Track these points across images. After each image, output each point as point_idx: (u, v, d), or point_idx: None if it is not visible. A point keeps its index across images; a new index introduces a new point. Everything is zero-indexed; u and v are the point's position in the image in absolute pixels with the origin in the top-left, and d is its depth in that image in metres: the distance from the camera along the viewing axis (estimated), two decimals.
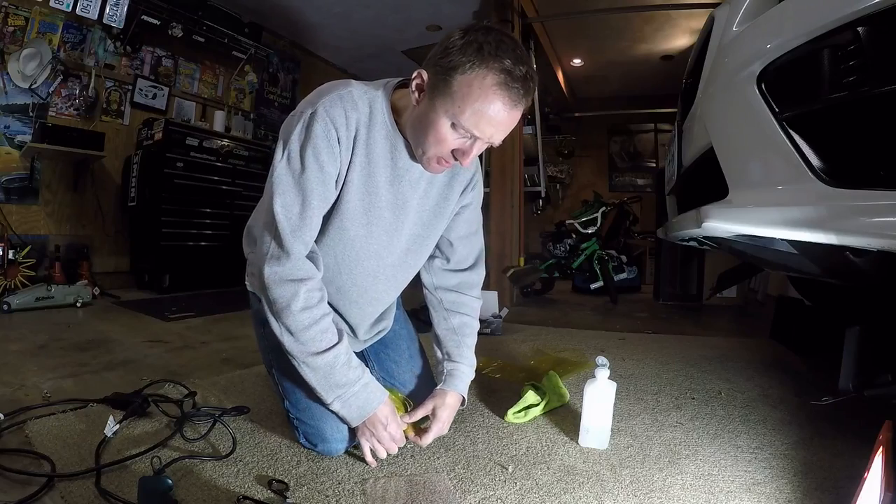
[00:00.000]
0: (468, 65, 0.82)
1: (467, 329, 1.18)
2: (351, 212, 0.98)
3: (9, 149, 3.16)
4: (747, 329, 2.79)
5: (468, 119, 0.84)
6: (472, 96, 0.83)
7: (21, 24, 3.16)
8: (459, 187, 1.11)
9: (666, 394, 1.50)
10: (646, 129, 6.35)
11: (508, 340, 2.28)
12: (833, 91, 0.81)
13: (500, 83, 0.82)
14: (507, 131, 0.89)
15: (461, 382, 1.11)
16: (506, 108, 0.84)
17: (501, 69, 0.82)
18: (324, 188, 0.92)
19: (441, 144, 0.89)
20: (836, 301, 1.60)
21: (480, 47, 0.82)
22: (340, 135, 0.91)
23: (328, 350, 0.92)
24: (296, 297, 0.90)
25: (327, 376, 0.93)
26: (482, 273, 1.23)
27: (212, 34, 4.04)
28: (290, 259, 0.91)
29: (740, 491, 0.91)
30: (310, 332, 0.91)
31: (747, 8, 1.10)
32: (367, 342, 1.23)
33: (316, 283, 0.94)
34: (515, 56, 0.83)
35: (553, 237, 4.42)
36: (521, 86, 0.83)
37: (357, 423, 0.97)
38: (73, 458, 0.97)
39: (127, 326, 2.39)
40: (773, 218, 0.91)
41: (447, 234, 1.16)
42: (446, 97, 0.85)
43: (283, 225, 0.90)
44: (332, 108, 0.91)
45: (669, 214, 1.65)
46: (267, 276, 0.91)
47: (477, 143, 0.89)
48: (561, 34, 4.64)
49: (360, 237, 1.01)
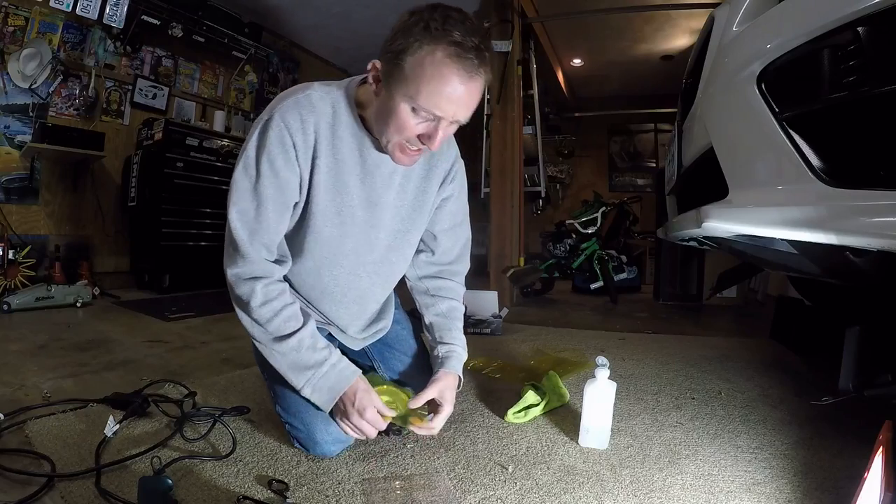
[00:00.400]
0: (416, 44, 0.81)
1: (456, 313, 1.20)
2: (322, 213, 0.98)
3: (9, 149, 3.16)
4: (747, 329, 2.79)
5: (426, 99, 0.83)
6: (426, 75, 0.81)
7: (21, 24, 3.16)
8: (437, 180, 1.10)
9: (666, 394, 1.49)
10: (646, 129, 6.35)
11: (508, 340, 2.28)
12: (833, 91, 0.81)
13: (452, 56, 0.80)
14: (471, 106, 0.87)
15: (458, 363, 1.13)
16: (462, 81, 0.82)
17: (450, 42, 0.80)
18: (280, 194, 0.93)
19: (404, 131, 0.88)
20: (836, 301, 1.60)
21: (427, 25, 0.81)
22: (296, 140, 0.92)
23: (292, 334, 0.95)
24: (254, 294, 0.93)
25: (295, 360, 0.95)
26: (466, 263, 1.24)
27: (212, 34, 4.05)
28: (246, 261, 0.93)
29: (740, 491, 0.91)
30: (272, 323, 0.94)
31: (747, 8, 1.10)
32: (365, 340, 1.23)
33: (272, 280, 0.96)
34: (465, 28, 0.81)
35: (553, 237, 4.41)
36: (476, 56, 0.81)
37: (330, 406, 0.97)
38: (73, 458, 0.97)
39: (127, 326, 2.39)
40: (773, 218, 0.91)
41: (430, 228, 1.16)
42: (401, 82, 0.84)
43: (239, 231, 0.92)
44: (288, 113, 0.91)
45: (669, 214, 1.65)
46: (228, 276, 0.95)
47: (441, 124, 0.86)
48: (561, 34, 4.64)
49: (334, 237, 1.01)
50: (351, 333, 1.18)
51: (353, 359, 1.22)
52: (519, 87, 3.62)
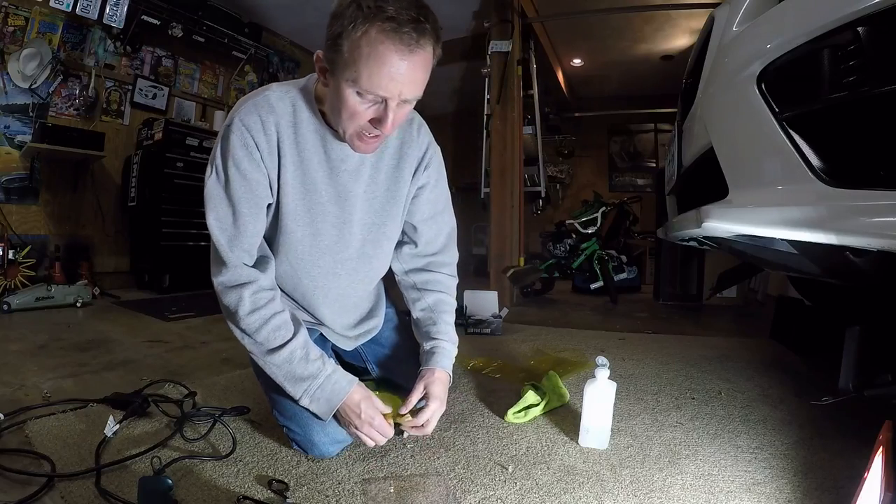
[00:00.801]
0: (350, 26, 0.78)
1: (444, 306, 1.17)
2: (292, 213, 0.98)
3: (9, 149, 3.16)
4: (747, 329, 2.79)
5: (367, 81, 0.80)
6: (363, 56, 0.78)
7: (21, 24, 3.16)
8: (410, 169, 1.08)
9: (666, 394, 1.49)
10: (646, 129, 6.35)
11: (508, 340, 2.28)
12: (833, 91, 0.80)
13: (387, 32, 0.77)
14: (416, 82, 0.83)
15: (444, 358, 1.09)
16: (402, 56, 0.79)
17: (385, 18, 0.77)
18: (252, 195, 0.93)
19: (355, 118, 0.86)
20: (836, 301, 1.60)
21: (359, 4, 0.78)
22: (258, 141, 0.91)
23: (283, 346, 0.93)
24: (241, 302, 0.92)
25: (289, 372, 0.94)
26: (454, 254, 1.21)
27: (212, 34, 4.04)
28: (228, 268, 0.93)
29: (740, 491, 0.91)
30: (262, 332, 0.93)
31: (747, 8, 1.10)
32: (357, 339, 1.22)
33: (261, 286, 0.94)
34: (400, 2, 0.78)
35: (553, 237, 4.41)
36: (413, 28, 0.78)
37: (329, 415, 0.96)
38: (73, 458, 0.97)
39: (127, 326, 2.39)
40: (773, 218, 0.91)
41: (409, 219, 1.13)
42: (342, 67, 0.81)
43: (218, 237, 0.93)
44: (247, 116, 0.91)
45: (669, 214, 1.65)
46: (215, 285, 0.95)
47: (390, 105, 0.83)
48: (561, 34, 4.63)
49: (307, 236, 1.01)
50: (340, 332, 1.17)
51: (346, 360, 1.22)
52: (519, 87, 3.62)
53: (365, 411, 0.95)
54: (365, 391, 0.99)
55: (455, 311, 1.20)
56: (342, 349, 1.21)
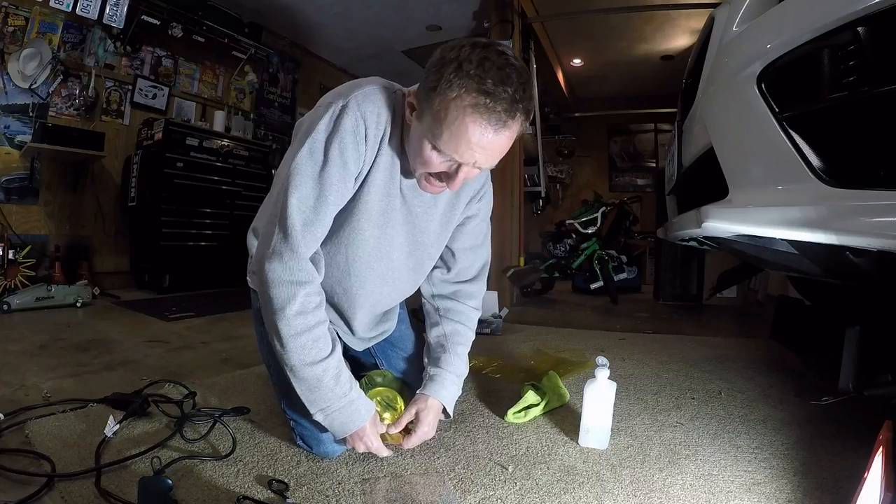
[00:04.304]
0: (447, 85, 0.77)
1: (459, 337, 1.15)
2: (369, 212, 0.96)
3: (9, 149, 3.16)
4: (747, 329, 2.79)
5: (446, 143, 0.81)
6: (449, 119, 0.78)
7: (21, 24, 3.16)
8: (466, 198, 1.10)
9: (666, 394, 1.49)
10: (646, 129, 6.35)
11: (508, 340, 2.28)
12: (833, 91, 0.81)
13: (479, 106, 0.77)
14: (496, 155, 0.84)
15: (441, 388, 1.08)
16: (485, 132, 0.78)
17: (480, 91, 0.76)
18: (343, 185, 0.89)
19: (426, 166, 0.86)
20: (836, 301, 1.60)
21: (460, 66, 0.77)
22: (369, 132, 0.89)
23: (318, 363, 0.90)
24: (292, 300, 0.87)
25: (313, 389, 0.91)
26: (483, 286, 1.21)
27: (212, 34, 4.05)
28: (294, 257, 0.87)
29: (740, 491, 0.91)
30: (301, 338, 0.88)
31: (747, 8, 1.10)
32: (371, 341, 1.23)
33: (315, 288, 0.91)
34: (500, 75, 0.76)
35: (553, 237, 4.41)
36: (506, 109, 0.77)
37: (339, 437, 0.96)
38: (73, 458, 0.97)
39: (127, 326, 2.39)
40: (773, 218, 0.91)
41: (450, 244, 1.15)
42: (428, 118, 0.82)
43: (294, 219, 0.86)
44: (365, 102, 0.88)
45: (669, 214, 1.65)
46: (267, 272, 0.87)
47: (462, 168, 0.84)
48: (561, 34, 4.64)
49: (374, 238, 0.99)
50: (358, 335, 1.17)
51: (356, 357, 1.23)
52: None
53: (367, 438, 0.96)
54: (374, 420, 0.99)
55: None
56: (354, 349, 1.22)
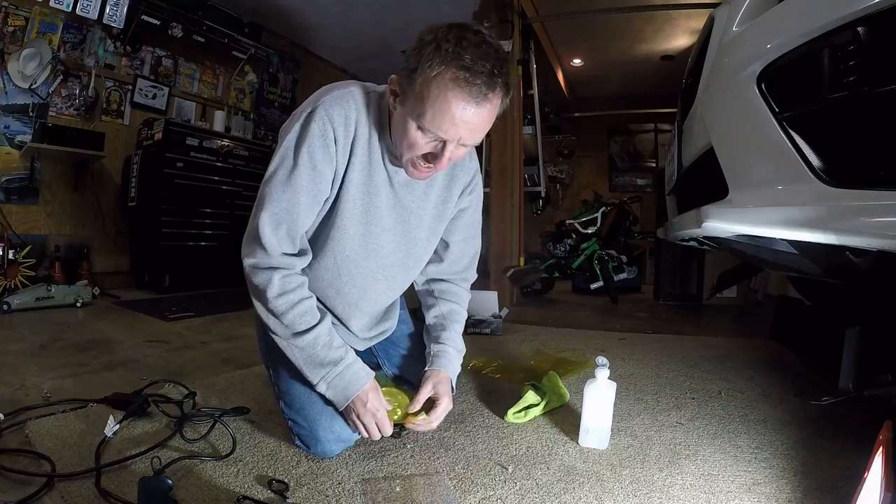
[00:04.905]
0: (427, 64, 0.81)
1: (456, 316, 1.20)
2: (350, 211, 0.99)
3: (9, 149, 3.16)
4: (747, 329, 2.79)
5: (430, 121, 0.83)
6: (431, 97, 0.82)
7: (21, 24, 3.16)
8: (458, 190, 1.11)
9: (666, 394, 1.49)
10: (646, 129, 6.35)
11: (508, 340, 2.28)
12: (833, 91, 0.81)
13: (459, 80, 0.80)
14: (479, 131, 0.87)
15: (448, 362, 1.12)
16: (468, 106, 0.82)
17: (460, 66, 0.79)
18: (314, 186, 0.93)
19: (412, 148, 0.89)
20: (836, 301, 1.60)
21: (438, 45, 0.81)
22: (338, 134, 0.92)
23: (308, 330, 0.95)
24: (270, 284, 0.93)
25: (311, 356, 0.95)
26: (474, 274, 1.26)
27: (212, 34, 4.05)
28: (266, 253, 0.93)
29: (740, 491, 0.91)
30: (288, 315, 0.94)
31: (747, 8, 1.10)
32: (371, 340, 1.23)
33: (292, 272, 0.96)
34: (478, 52, 0.80)
35: (553, 237, 4.41)
36: (486, 82, 0.80)
37: (344, 404, 0.98)
38: (73, 458, 0.97)
39: (127, 326, 2.39)
40: (773, 218, 0.91)
41: (444, 237, 1.17)
42: (411, 99, 0.85)
43: (265, 220, 0.92)
44: (332, 107, 0.91)
45: (669, 214, 1.65)
46: (245, 266, 0.96)
47: (447, 146, 0.87)
48: (561, 34, 4.64)
49: (359, 236, 1.02)
50: (357, 334, 1.18)
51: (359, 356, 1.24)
52: (519, 87, 3.62)
53: (371, 402, 0.98)
54: (376, 385, 1.01)
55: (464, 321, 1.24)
56: (354, 349, 1.22)
